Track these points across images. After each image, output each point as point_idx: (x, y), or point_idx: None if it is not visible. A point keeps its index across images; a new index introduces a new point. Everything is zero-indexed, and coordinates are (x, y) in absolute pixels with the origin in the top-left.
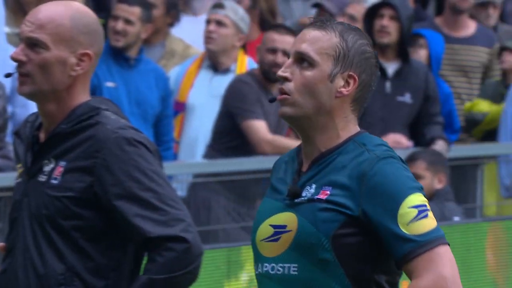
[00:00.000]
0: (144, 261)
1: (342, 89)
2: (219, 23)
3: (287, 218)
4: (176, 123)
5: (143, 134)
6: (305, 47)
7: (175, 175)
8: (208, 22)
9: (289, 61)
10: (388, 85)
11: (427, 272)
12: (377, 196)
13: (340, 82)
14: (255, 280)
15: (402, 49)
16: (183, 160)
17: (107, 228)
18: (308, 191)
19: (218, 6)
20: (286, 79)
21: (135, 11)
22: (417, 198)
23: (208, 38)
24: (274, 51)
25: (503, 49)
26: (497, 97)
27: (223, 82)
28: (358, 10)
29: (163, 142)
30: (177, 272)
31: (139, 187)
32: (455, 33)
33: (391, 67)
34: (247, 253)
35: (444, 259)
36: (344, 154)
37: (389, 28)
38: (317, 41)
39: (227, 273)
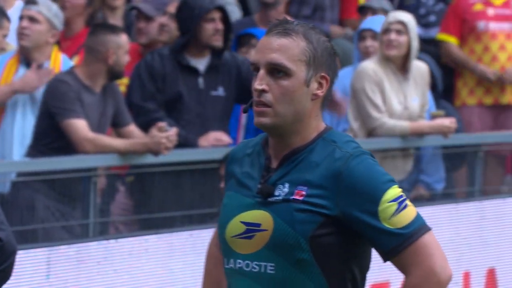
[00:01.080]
0: None
1: (317, 91)
2: (32, 19)
3: (261, 217)
4: None
5: None
6: (277, 57)
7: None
8: (21, 18)
9: (262, 73)
10: (201, 81)
11: (415, 267)
12: (356, 195)
13: (314, 85)
14: (70, 280)
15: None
16: (4, 159)
17: None
18: (282, 190)
19: (31, 2)
20: (263, 91)
21: None
22: (394, 191)
23: (21, 34)
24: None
25: None
26: None
27: None
28: None
29: None
30: None
31: None
32: None
33: (202, 63)
34: (68, 252)
35: (429, 248)
36: (315, 152)
37: (221, 31)
38: (287, 49)
39: (47, 273)
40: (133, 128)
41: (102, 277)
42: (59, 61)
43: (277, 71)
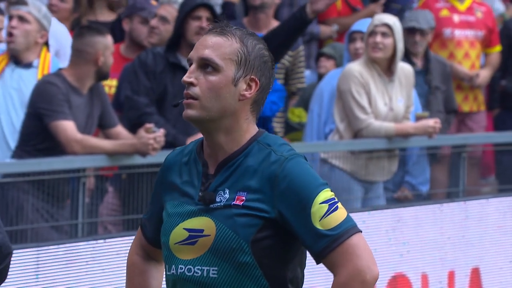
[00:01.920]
0: None
1: (245, 92)
2: (22, 19)
3: (204, 223)
4: None
5: None
6: (208, 53)
7: None
8: (11, 17)
9: (193, 67)
10: None
11: (343, 267)
12: (291, 196)
13: (243, 85)
14: (58, 280)
15: None
16: None
17: None
18: (223, 196)
19: (21, 2)
20: (191, 84)
21: None
22: (326, 194)
23: (11, 33)
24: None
25: (320, 54)
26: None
27: (24, 76)
28: (169, 11)
29: None
30: None
31: None
32: (257, 33)
33: None
34: (57, 252)
35: (357, 250)
36: (251, 156)
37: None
38: (220, 47)
39: (36, 273)
40: (120, 129)
41: (90, 277)
42: (48, 62)
43: (207, 66)
